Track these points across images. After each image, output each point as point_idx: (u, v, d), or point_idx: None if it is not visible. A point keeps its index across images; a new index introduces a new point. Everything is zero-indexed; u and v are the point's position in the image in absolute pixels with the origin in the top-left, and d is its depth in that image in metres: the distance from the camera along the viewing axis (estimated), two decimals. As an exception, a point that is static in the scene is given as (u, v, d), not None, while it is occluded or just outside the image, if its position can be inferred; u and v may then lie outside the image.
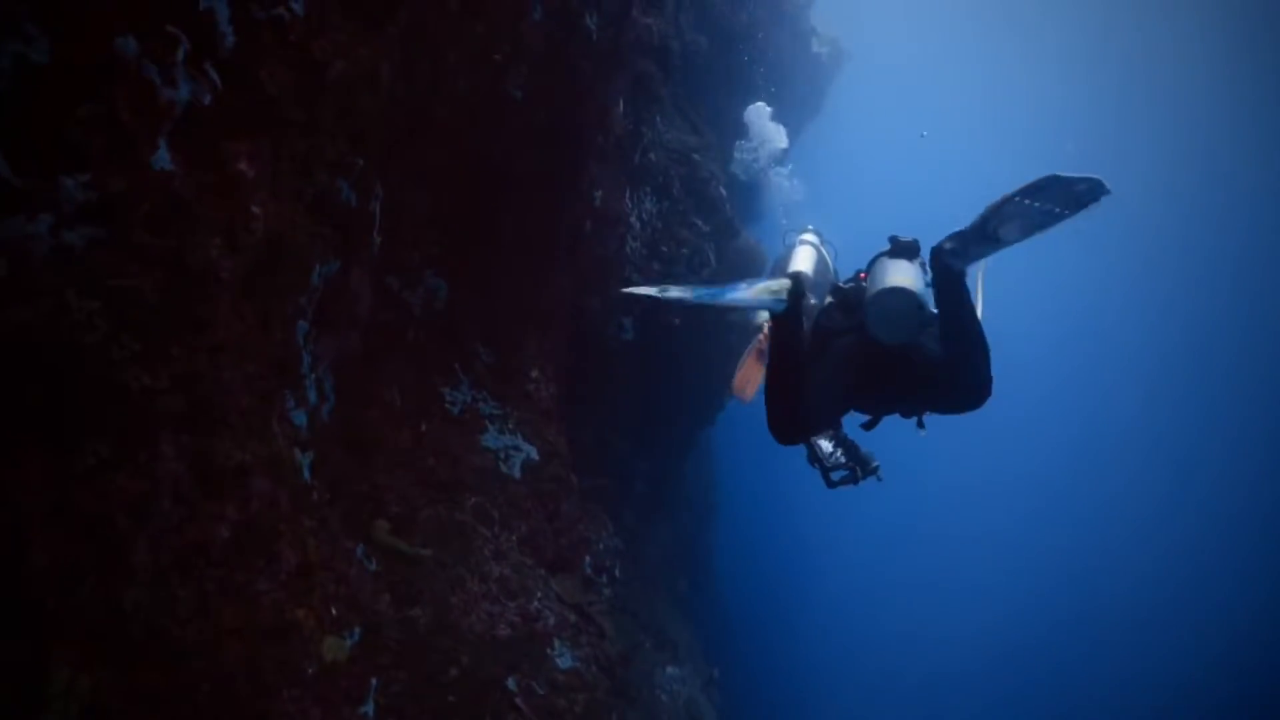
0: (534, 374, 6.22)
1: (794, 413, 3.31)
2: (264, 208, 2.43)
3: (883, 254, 3.61)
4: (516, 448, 5.72)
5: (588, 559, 6.08)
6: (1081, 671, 28.34)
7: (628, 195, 6.99)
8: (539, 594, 4.98)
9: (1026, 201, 2.85)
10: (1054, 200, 2.83)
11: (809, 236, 5.43)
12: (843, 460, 4.30)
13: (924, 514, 34.81)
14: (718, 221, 8.75)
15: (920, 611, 30.33)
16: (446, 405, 5.53)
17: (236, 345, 2.56)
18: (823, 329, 3.75)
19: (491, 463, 5.52)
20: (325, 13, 2.52)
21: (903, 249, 3.52)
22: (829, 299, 3.93)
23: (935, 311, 3.26)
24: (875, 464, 4.33)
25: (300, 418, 3.40)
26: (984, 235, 3.02)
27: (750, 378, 5.17)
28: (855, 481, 4.33)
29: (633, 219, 7.14)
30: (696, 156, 8.15)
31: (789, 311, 3.26)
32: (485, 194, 5.56)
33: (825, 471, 4.32)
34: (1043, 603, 31.22)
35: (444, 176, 4.99)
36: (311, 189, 2.80)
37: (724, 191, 8.64)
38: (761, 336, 4.81)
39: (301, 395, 3.44)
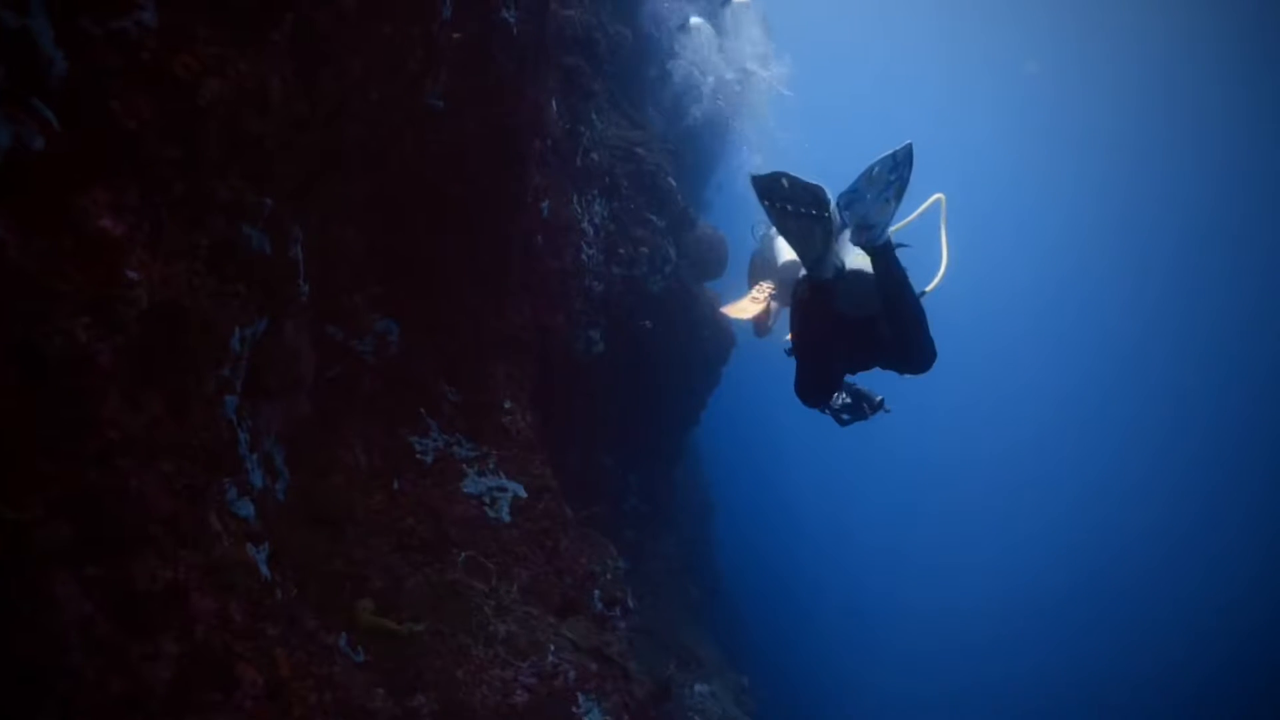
0: (508, 405, 5.76)
1: (824, 381, 4.17)
2: (144, 270, 1.95)
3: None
4: (501, 488, 5.25)
5: (596, 593, 5.61)
6: (1114, 652, 28.29)
7: (575, 201, 6.56)
8: (552, 646, 4.51)
9: (867, 197, 3.29)
10: (877, 183, 3.25)
11: None
12: (849, 402, 4.54)
13: (927, 489, 34.94)
14: (672, 214, 8.35)
15: (932, 586, 30.21)
16: (418, 456, 5.05)
17: (140, 442, 2.08)
18: (800, 302, 3.95)
19: (477, 510, 5.04)
20: (186, 22, 2.05)
21: None
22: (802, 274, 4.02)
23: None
24: (879, 398, 4.56)
25: (246, 507, 2.92)
26: (863, 227, 3.42)
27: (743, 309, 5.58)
28: (865, 418, 4.60)
29: (584, 225, 6.70)
30: (640, 150, 7.74)
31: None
32: (422, 219, 5.09)
33: (836, 414, 4.57)
34: (1061, 579, 31.29)
35: (373, 206, 4.53)
36: (207, 240, 2.33)
37: (673, 182, 8.24)
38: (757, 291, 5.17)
39: (244, 481, 2.95)
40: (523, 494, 5.30)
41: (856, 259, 3.76)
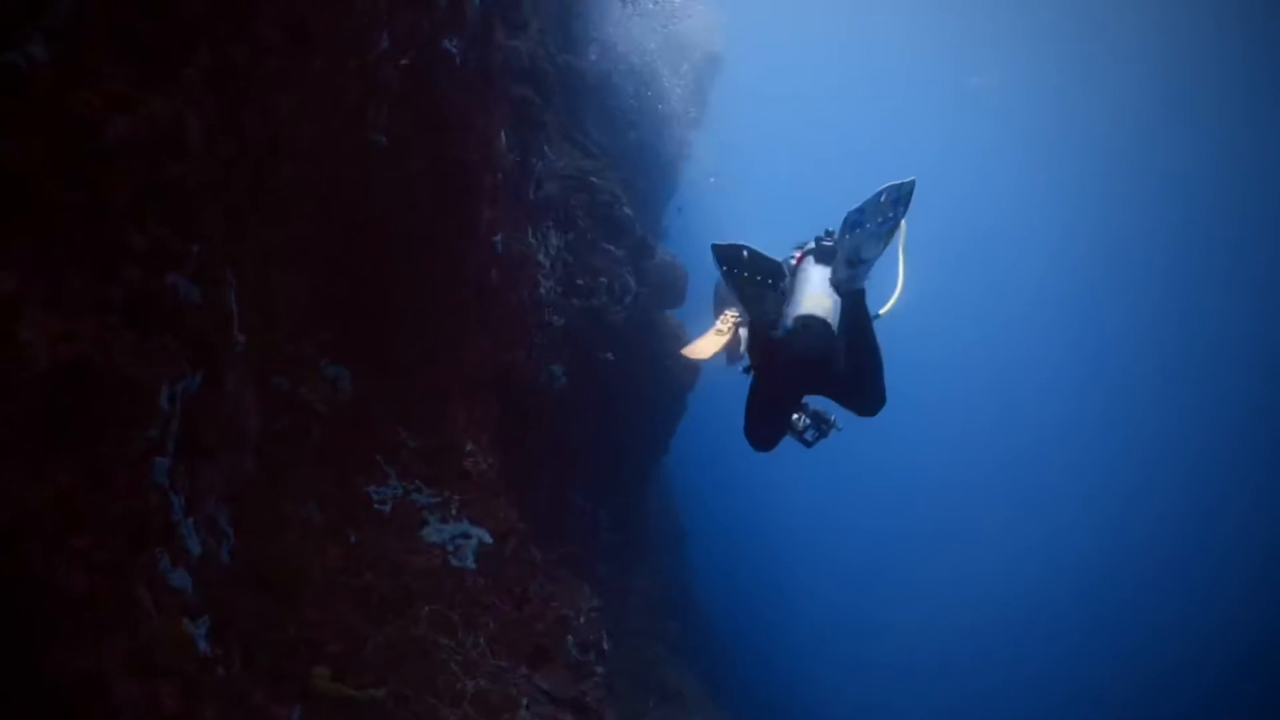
0: (469, 448, 5.56)
1: (773, 433, 4.31)
2: (42, 328, 1.76)
3: (808, 252, 4.07)
4: (465, 535, 5.03)
5: (570, 639, 5.39)
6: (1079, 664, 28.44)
7: (530, 234, 6.42)
8: (525, 701, 4.28)
9: (866, 225, 3.36)
10: (882, 210, 3.31)
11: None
12: (810, 422, 4.48)
13: (902, 506, 35.04)
14: (630, 243, 8.25)
15: (911, 602, 30.19)
16: (375, 506, 4.82)
17: (49, 516, 1.87)
18: (759, 341, 4.11)
19: (439, 559, 4.81)
20: (87, 56, 1.88)
21: (825, 254, 3.93)
22: None
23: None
24: (832, 417, 4.52)
25: (181, 578, 2.69)
26: (852, 262, 3.52)
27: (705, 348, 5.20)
28: (826, 435, 4.54)
29: (541, 258, 6.56)
30: (594, 179, 7.64)
31: (782, 339, 3.80)
32: (371, 260, 4.91)
33: (800, 436, 4.52)
34: (1037, 595, 31.44)
35: (317, 248, 4.34)
36: (121, 292, 2.14)
37: (629, 211, 8.15)
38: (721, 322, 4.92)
39: (179, 549, 2.72)
40: (488, 539, 5.08)
41: (809, 302, 3.80)
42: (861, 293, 3.67)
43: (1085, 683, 26.67)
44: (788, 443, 4.80)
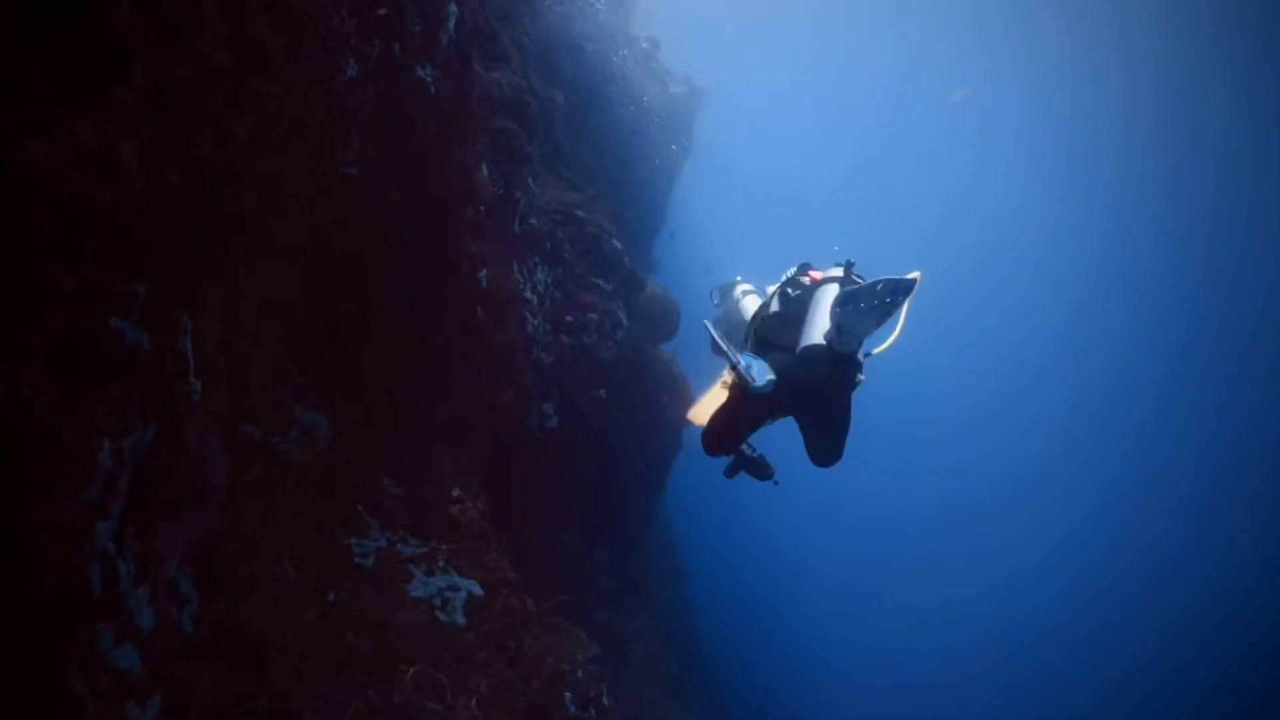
0: (456, 493, 5.28)
1: (734, 445, 4.48)
2: (-63, 382, 1.51)
3: (831, 279, 4.05)
4: (454, 587, 4.74)
5: (568, 695, 5.07)
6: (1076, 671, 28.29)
7: (516, 269, 6.21)
8: (519, 768, 3.97)
9: (861, 306, 3.46)
10: (879, 296, 3.40)
11: (746, 287, 5.01)
12: (754, 458, 4.59)
13: (901, 531, 34.76)
14: (620, 278, 8.05)
15: (914, 627, 29.83)
16: (356, 560, 4.53)
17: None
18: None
19: (426, 615, 4.52)
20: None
21: (844, 284, 3.95)
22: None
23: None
24: (773, 470, 4.61)
25: (127, 656, 2.41)
26: (843, 330, 3.62)
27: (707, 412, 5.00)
28: (760, 478, 4.63)
29: (528, 294, 6.35)
30: (581, 213, 7.46)
31: (763, 396, 3.88)
32: (349, 298, 4.68)
33: (742, 459, 4.58)
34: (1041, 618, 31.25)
35: (290, 287, 4.11)
36: (44, 339, 1.89)
37: (618, 244, 7.96)
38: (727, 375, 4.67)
39: (126, 623, 2.45)
40: (478, 591, 4.79)
41: (818, 332, 3.84)
42: (849, 356, 3.74)
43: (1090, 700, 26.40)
44: (795, 476, 4.67)
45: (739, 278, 5.16)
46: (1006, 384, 41.74)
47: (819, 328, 3.79)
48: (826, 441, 4.06)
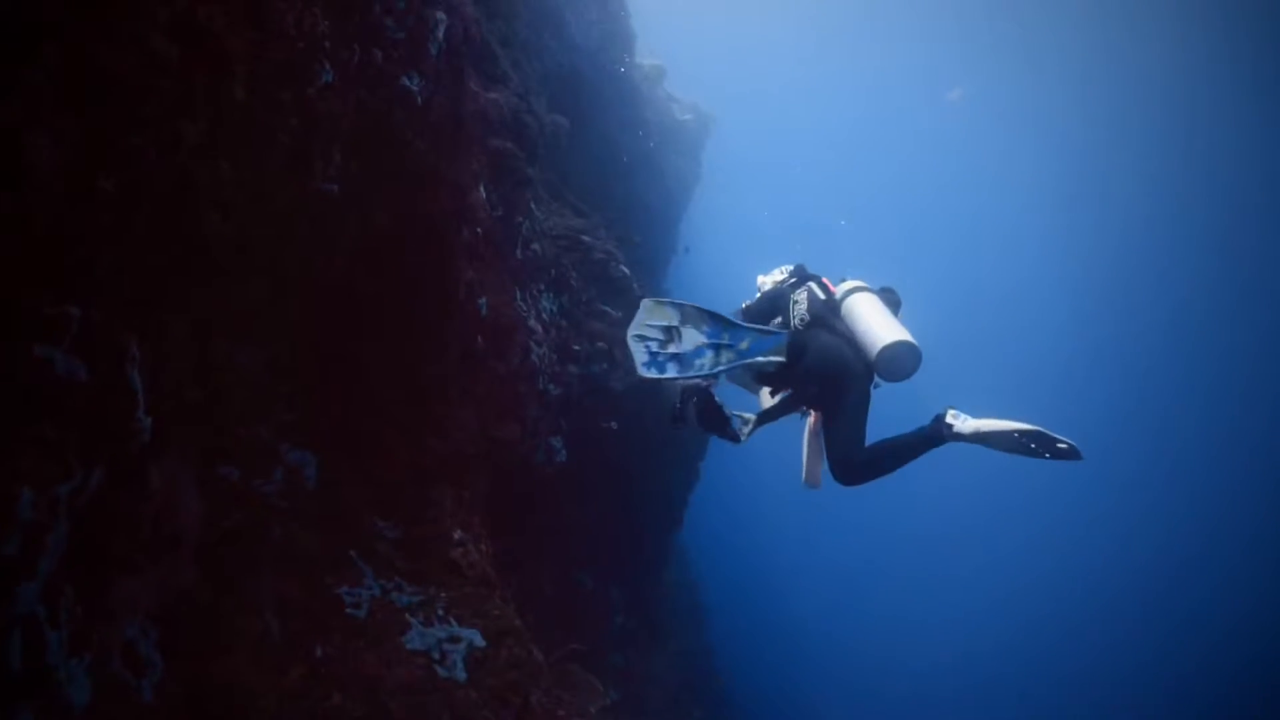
0: (457, 535, 4.93)
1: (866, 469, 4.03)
2: None
3: (859, 289, 4.32)
4: (454, 638, 4.37)
5: (581, 753, 4.68)
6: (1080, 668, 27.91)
7: (519, 296, 5.91)
8: (527, 842, 3.57)
9: (1017, 436, 3.70)
10: (1037, 444, 3.67)
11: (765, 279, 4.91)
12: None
13: (933, 554, 34.22)
14: (629, 303, 7.73)
15: (952, 653, 29.23)
16: (348, 611, 4.18)
17: None
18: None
19: (424, 669, 4.14)
20: None
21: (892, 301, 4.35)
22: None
23: None
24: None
25: (56, 742, 2.07)
26: (981, 437, 3.83)
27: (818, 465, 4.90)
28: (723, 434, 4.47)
29: (532, 322, 6.04)
30: (586, 238, 7.18)
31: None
32: (338, 327, 4.38)
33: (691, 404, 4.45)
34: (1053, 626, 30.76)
35: (272, 314, 3.82)
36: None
37: (626, 270, 7.67)
38: (812, 420, 4.68)
39: (49, 701, 2.11)
40: (480, 642, 4.41)
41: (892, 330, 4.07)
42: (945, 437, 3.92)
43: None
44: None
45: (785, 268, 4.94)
46: (1023, 391, 41.30)
47: (884, 333, 4.01)
48: (855, 468, 3.95)
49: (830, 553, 31.71)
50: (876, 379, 4.11)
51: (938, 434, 3.88)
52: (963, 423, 3.86)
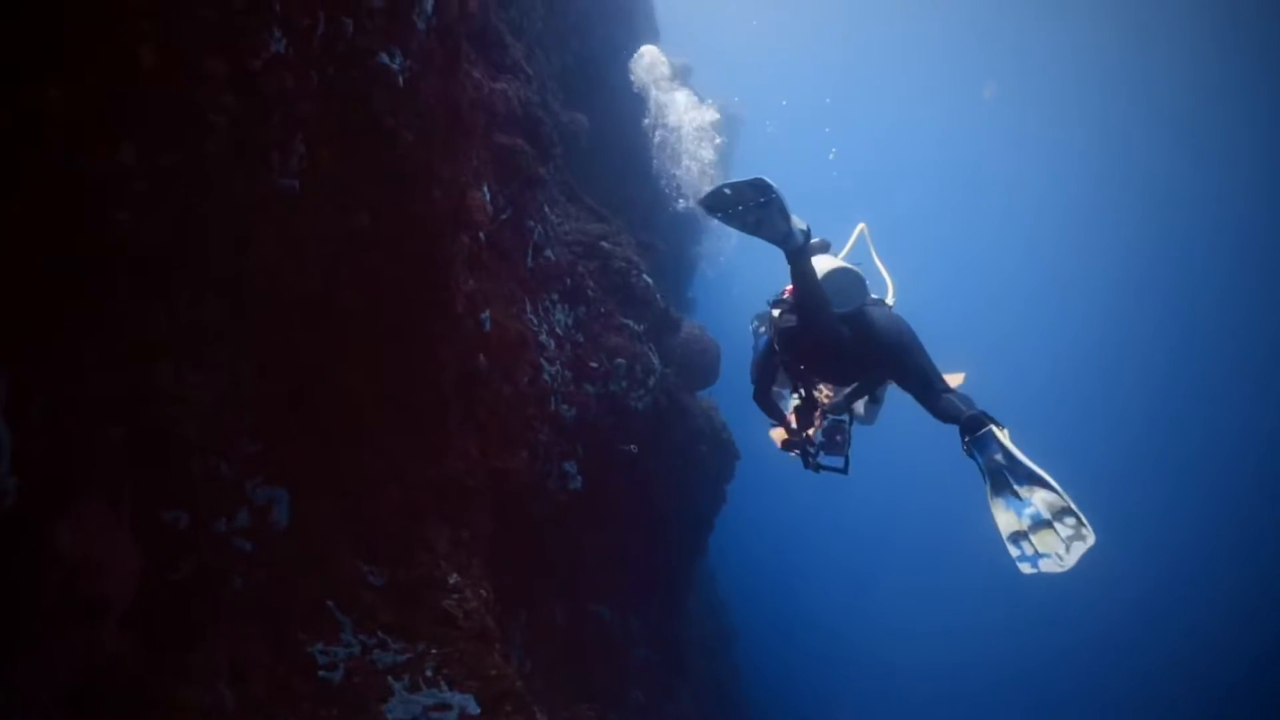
0: (452, 580, 4.36)
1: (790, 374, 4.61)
2: None
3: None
4: (443, 705, 3.78)
5: (590, 834, 4.09)
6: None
7: (529, 309, 5.35)
8: None
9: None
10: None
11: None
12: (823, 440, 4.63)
13: (945, 562, 33.40)
14: (651, 317, 7.16)
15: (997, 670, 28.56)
16: (321, 674, 3.62)
17: None
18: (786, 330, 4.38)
19: (407, 744, 3.57)
20: None
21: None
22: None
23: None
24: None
25: None
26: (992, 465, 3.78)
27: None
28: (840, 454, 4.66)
29: (543, 338, 5.48)
30: (606, 244, 6.62)
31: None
32: (314, 345, 3.84)
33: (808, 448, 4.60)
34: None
35: (227, 334, 3.28)
36: None
37: (649, 280, 7.09)
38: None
39: None
40: (474, 710, 3.82)
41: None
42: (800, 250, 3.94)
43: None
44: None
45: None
46: (1045, 394, 40.32)
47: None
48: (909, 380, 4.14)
49: (858, 564, 30.93)
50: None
51: (977, 421, 3.78)
52: (1004, 437, 3.72)
